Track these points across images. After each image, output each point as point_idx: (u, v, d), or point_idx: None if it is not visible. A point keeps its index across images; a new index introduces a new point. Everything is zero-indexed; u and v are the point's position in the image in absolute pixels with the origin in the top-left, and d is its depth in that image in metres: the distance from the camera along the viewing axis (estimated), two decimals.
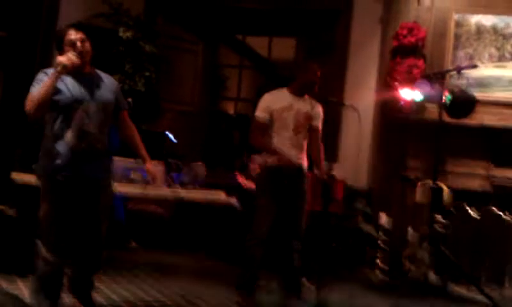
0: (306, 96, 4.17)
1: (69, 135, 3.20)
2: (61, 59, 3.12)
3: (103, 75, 3.44)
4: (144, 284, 4.43)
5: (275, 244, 4.17)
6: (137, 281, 4.48)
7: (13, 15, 5.82)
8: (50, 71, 3.18)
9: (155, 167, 3.59)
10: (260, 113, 4.10)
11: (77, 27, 3.31)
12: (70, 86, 3.22)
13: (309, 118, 4.09)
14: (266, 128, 4.09)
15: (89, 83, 3.29)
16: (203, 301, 4.16)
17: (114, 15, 6.48)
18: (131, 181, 4.84)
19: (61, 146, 3.21)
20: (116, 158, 4.77)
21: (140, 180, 4.88)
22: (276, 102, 4.10)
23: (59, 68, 3.09)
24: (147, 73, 6.49)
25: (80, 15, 6.37)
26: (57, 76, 3.11)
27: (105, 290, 4.14)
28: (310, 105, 4.13)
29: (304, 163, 4.12)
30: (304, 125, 4.08)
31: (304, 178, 4.12)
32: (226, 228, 5.76)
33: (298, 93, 4.13)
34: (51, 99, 3.13)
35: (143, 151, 3.54)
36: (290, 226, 4.08)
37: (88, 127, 3.25)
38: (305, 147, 4.11)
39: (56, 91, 3.15)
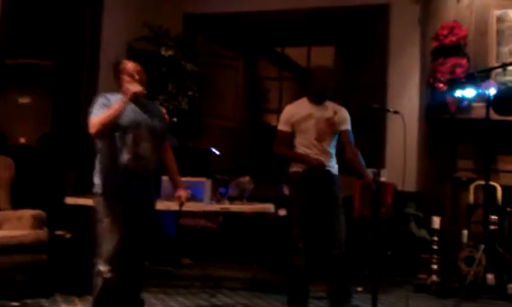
0: (328, 103, 4.16)
1: (126, 157, 3.35)
2: (132, 88, 3.28)
3: (153, 102, 3.67)
4: (201, 299, 4.49)
5: (317, 252, 4.17)
6: (193, 298, 4.54)
7: (58, 44, 6.00)
8: (110, 96, 3.37)
9: (185, 192, 3.74)
10: (282, 126, 4.16)
11: (134, 58, 3.54)
12: (128, 110, 3.37)
13: (332, 124, 4.08)
14: (289, 140, 4.13)
15: (144, 109, 3.47)
16: None
17: (155, 37, 6.63)
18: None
19: (119, 168, 3.35)
20: (165, 178, 4.92)
21: (189, 197, 4.94)
22: (295, 113, 4.13)
23: (129, 96, 3.25)
24: (190, 92, 6.60)
25: (122, 40, 6.56)
26: (126, 103, 3.28)
27: None
28: (332, 111, 4.11)
29: (334, 169, 4.10)
30: (328, 132, 4.07)
31: (335, 183, 4.10)
32: (276, 239, 5.78)
33: (315, 100, 4.13)
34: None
35: (178, 179, 3.76)
36: (326, 232, 4.06)
37: (143, 150, 3.41)
38: (333, 153, 4.11)
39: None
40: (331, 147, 4.11)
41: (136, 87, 3.29)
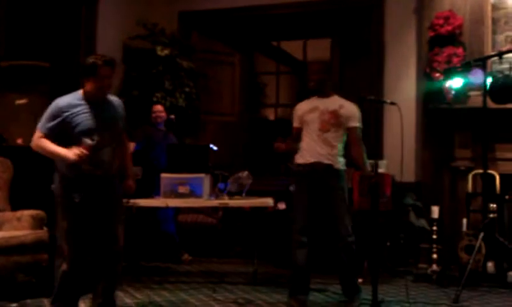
0: (337, 97, 4.21)
1: (86, 168, 3.35)
2: (77, 156, 3.24)
3: (113, 99, 3.59)
4: (202, 295, 4.50)
5: (323, 245, 4.19)
6: (195, 293, 4.55)
7: (54, 45, 6.00)
8: (69, 100, 3.38)
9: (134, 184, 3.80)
10: (295, 123, 4.29)
11: (110, 63, 3.42)
12: (87, 116, 3.37)
13: (337, 116, 4.10)
14: (300, 134, 4.24)
15: (105, 113, 3.46)
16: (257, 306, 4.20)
17: (150, 35, 6.62)
18: (179, 195, 4.93)
19: (78, 174, 3.36)
20: (164, 175, 4.94)
21: (188, 194, 4.97)
22: (303, 107, 4.25)
23: (76, 159, 3.24)
24: (187, 89, 6.60)
25: (117, 38, 6.56)
26: (71, 161, 3.27)
27: (165, 304, 4.21)
28: (338, 105, 4.15)
29: (336, 161, 4.10)
30: (333, 123, 4.10)
31: (337, 176, 4.10)
32: (276, 233, 5.80)
33: (319, 94, 4.22)
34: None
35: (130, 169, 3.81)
36: (329, 226, 4.11)
37: (104, 156, 3.44)
38: (338, 146, 4.12)
39: (73, 122, 3.34)
40: (335, 140, 4.11)
41: (83, 154, 3.23)
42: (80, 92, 3.44)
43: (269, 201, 5.01)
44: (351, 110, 4.16)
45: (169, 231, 5.83)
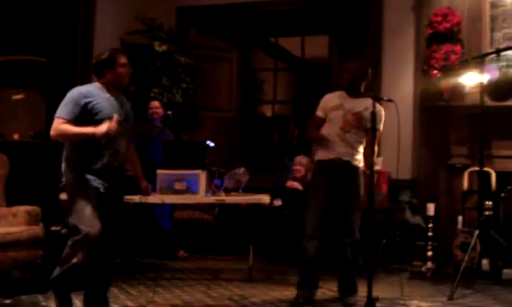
0: (365, 99, 4.09)
1: (106, 154, 3.37)
2: (112, 127, 3.27)
3: (123, 96, 3.66)
4: (197, 291, 4.50)
5: (330, 241, 4.23)
6: (190, 290, 4.55)
7: (51, 40, 5.99)
8: (90, 89, 3.42)
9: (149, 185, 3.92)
10: (318, 112, 4.24)
11: (128, 51, 3.60)
12: (108, 104, 3.41)
13: (360, 118, 4.08)
14: (321, 125, 4.20)
15: (121, 105, 3.52)
16: (253, 304, 4.20)
17: (148, 30, 6.61)
18: (175, 191, 4.92)
19: (99, 164, 3.37)
20: (160, 171, 4.93)
21: (184, 190, 4.96)
22: (330, 101, 4.21)
23: (103, 133, 3.26)
24: (184, 85, 6.59)
25: (114, 33, 6.54)
26: (98, 137, 3.28)
27: (160, 301, 4.22)
28: (364, 106, 4.07)
29: (354, 159, 4.12)
30: (355, 125, 4.09)
31: (354, 175, 4.12)
32: (272, 230, 5.80)
33: (348, 92, 4.17)
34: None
35: (140, 171, 3.89)
36: (341, 222, 4.13)
37: (121, 147, 3.46)
38: (357, 147, 4.13)
39: (95, 110, 3.35)
40: (356, 141, 4.12)
41: (114, 126, 3.28)
42: (97, 83, 3.49)
43: (265, 198, 5.01)
44: (375, 112, 3.99)
45: (165, 228, 5.82)
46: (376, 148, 4.08)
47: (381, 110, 4.16)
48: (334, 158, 4.10)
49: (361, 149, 4.17)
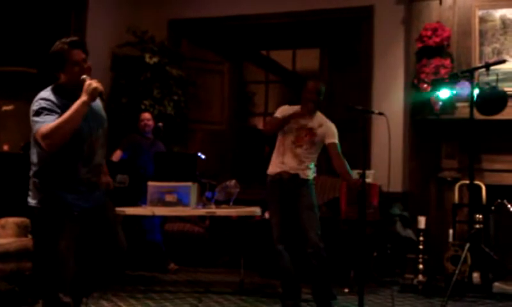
0: (318, 115, 4.26)
1: (84, 171, 2.97)
2: (96, 84, 2.85)
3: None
4: (188, 304, 4.47)
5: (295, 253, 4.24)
6: (180, 303, 4.52)
7: (42, 51, 5.96)
8: (50, 96, 2.89)
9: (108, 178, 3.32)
10: (276, 114, 4.33)
11: (78, 44, 3.01)
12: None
13: (313, 134, 4.18)
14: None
15: (95, 110, 3.05)
16: None
17: (139, 43, 6.61)
18: (166, 204, 4.90)
19: (74, 181, 2.95)
20: (151, 183, 4.91)
21: (175, 202, 4.94)
22: (288, 112, 4.24)
23: (94, 95, 2.84)
24: (175, 97, 6.59)
25: (106, 45, 6.54)
26: (88, 104, 2.84)
27: None
28: (318, 123, 4.22)
29: (303, 172, 4.17)
30: (307, 141, 4.18)
31: (306, 186, 4.17)
32: (263, 242, 5.78)
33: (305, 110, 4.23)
34: None
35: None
36: (299, 233, 4.14)
37: (98, 158, 3.06)
38: (308, 162, 4.19)
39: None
40: (306, 156, 4.19)
41: (97, 83, 2.84)
42: (51, 88, 2.97)
43: (256, 210, 4.99)
44: (329, 128, 4.24)
45: (156, 240, 5.79)
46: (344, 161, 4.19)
47: (333, 126, 4.26)
48: (281, 172, 4.18)
49: (312, 165, 4.24)
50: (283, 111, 4.28)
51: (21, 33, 5.87)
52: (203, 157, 5.26)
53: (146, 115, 5.98)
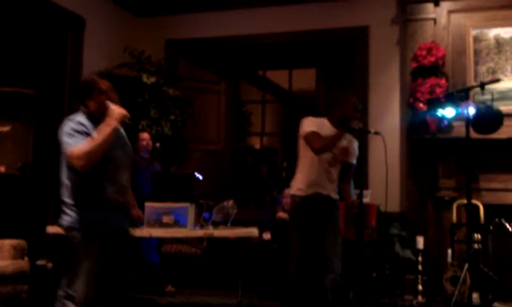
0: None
1: (110, 190, 3.08)
2: (120, 110, 3.05)
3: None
4: None
5: (310, 279, 4.03)
6: None
7: (39, 72, 5.97)
8: (81, 119, 3.07)
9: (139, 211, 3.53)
10: (311, 127, 3.92)
11: (103, 76, 3.27)
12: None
13: (345, 153, 3.94)
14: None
15: (119, 135, 3.23)
16: None
17: (136, 63, 6.63)
18: (163, 225, 4.87)
19: (102, 201, 3.06)
20: (148, 204, 4.89)
21: (172, 223, 4.91)
22: (320, 128, 3.92)
23: (119, 120, 3.03)
24: (172, 117, 6.59)
25: (103, 66, 6.54)
26: (116, 127, 3.04)
27: None
28: (347, 140, 3.99)
29: (335, 195, 3.99)
30: (339, 160, 3.95)
31: (336, 209, 3.99)
32: (262, 263, 5.75)
33: (337, 125, 3.93)
34: None
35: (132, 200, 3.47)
36: (322, 260, 3.90)
37: (124, 180, 3.18)
38: (336, 180, 3.99)
39: None
40: (337, 175, 3.99)
41: (122, 110, 3.05)
42: (82, 114, 3.14)
43: (254, 231, 4.96)
44: (355, 147, 4.04)
45: (153, 262, 5.74)
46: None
47: (357, 145, 4.08)
48: (314, 193, 3.90)
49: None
50: (316, 125, 3.91)
51: (18, 53, 5.88)
52: (200, 177, 5.25)
53: (145, 135, 5.97)
